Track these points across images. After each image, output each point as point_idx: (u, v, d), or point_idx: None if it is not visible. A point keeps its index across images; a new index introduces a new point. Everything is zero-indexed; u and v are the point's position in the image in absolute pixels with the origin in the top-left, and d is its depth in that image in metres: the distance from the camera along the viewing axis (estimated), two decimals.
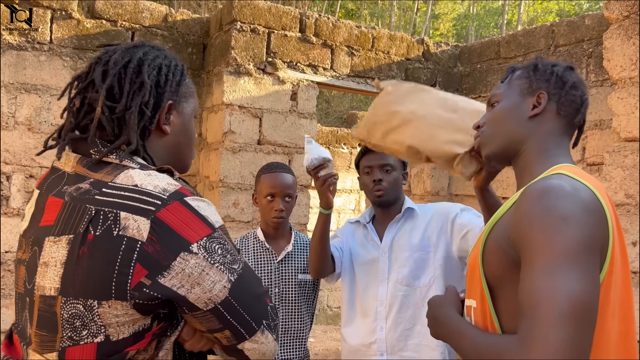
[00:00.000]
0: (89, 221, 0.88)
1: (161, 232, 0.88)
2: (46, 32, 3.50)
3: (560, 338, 0.86)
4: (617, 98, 2.58)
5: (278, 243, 2.17)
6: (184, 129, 1.08)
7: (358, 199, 7.73)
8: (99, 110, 0.97)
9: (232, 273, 0.94)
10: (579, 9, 17.37)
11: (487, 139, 1.24)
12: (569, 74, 1.20)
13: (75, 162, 0.98)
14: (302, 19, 3.91)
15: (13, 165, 3.42)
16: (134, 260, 0.87)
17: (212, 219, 0.94)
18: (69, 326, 0.89)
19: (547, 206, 0.95)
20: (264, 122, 3.79)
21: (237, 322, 0.95)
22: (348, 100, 12.89)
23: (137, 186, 0.91)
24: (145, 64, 1.01)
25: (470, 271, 1.14)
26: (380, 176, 2.03)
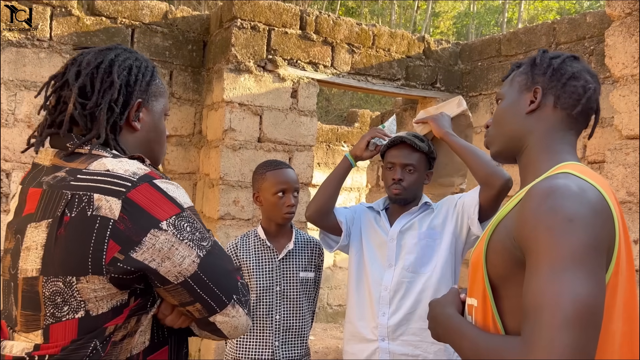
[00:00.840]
0: (65, 205, 0.96)
1: (132, 211, 0.95)
2: (46, 29, 3.49)
3: (565, 342, 0.84)
4: (619, 95, 2.57)
5: (279, 241, 2.17)
6: (154, 126, 1.16)
7: (358, 197, 7.73)
8: (71, 106, 1.05)
9: (201, 249, 1.01)
10: (580, 7, 17.35)
11: (491, 138, 1.24)
12: (569, 64, 1.16)
13: (53, 155, 1.07)
14: (303, 16, 3.90)
15: (13, 163, 3.42)
16: (107, 237, 0.94)
17: (180, 200, 1.02)
18: (50, 303, 0.96)
19: (553, 207, 0.94)
20: (264, 120, 3.78)
21: (207, 296, 1.02)
22: (348, 98, 12.88)
23: (109, 171, 0.99)
24: (116, 65, 1.09)
25: (473, 270, 1.13)
26: (401, 176, 2.02)
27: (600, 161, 3.34)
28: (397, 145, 2.05)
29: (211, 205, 3.78)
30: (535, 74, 1.17)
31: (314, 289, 2.24)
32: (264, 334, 2.08)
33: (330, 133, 7.57)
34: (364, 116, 7.94)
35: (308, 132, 3.95)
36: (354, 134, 7.76)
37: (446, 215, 2.04)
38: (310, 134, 3.96)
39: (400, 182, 2.02)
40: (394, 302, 2.00)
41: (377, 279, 2.04)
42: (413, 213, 2.07)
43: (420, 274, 1.99)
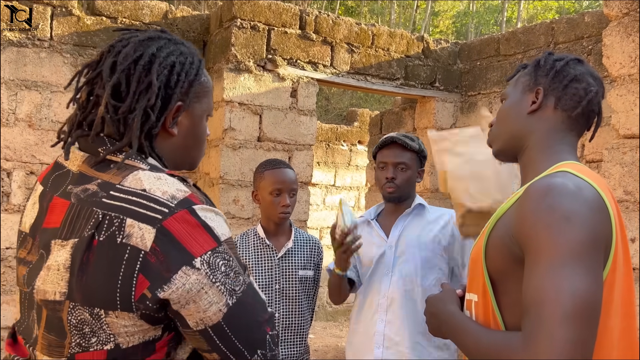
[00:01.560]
0: (95, 226, 0.85)
1: (165, 242, 0.83)
2: (46, 28, 3.50)
3: (566, 337, 0.86)
4: (617, 95, 2.58)
5: (278, 239, 2.18)
6: (192, 130, 1.02)
7: (357, 196, 7.74)
8: (102, 109, 0.92)
9: (232, 296, 0.88)
10: (579, 6, 17.36)
11: (493, 136, 1.26)
12: (572, 67, 1.18)
13: (82, 160, 0.94)
14: (302, 16, 3.91)
15: (14, 162, 3.43)
16: (137, 270, 0.83)
17: (218, 231, 0.89)
18: (77, 332, 0.86)
19: (551, 205, 0.96)
20: (264, 119, 3.80)
21: (227, 348, 0.90)
22: (348, 97, 12.89)
23: (145, 191, 0.86)
24: (157, 62, 0.95)
25: (473, 265, 1.15)
26: (394, 174, 2.03)
27: (598, 160, 3.36)
28: (388, 145, 2.07)
29: None
30: (539, 75, 1.19)
31: (313, 288, 2.26)
32: None
33: (330, 132, 7.59)
34: (363, 115, 7.96)
35: (307, 131, 3.96)
36: (353, 133, 7.78)
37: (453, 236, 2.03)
38: (310, 133, 3.97)
39: (393, 181, 2.03)
40: (391, 309, 2.00)
41: (376, 286, 2.05)
42: (407, 215, 2.08)
43: (418, 285, 1.98)
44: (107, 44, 0.99)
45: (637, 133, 2.48)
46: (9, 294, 3.43)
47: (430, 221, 2.06)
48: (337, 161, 7.58)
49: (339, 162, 7.60)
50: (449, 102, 4.57)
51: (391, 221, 2.10)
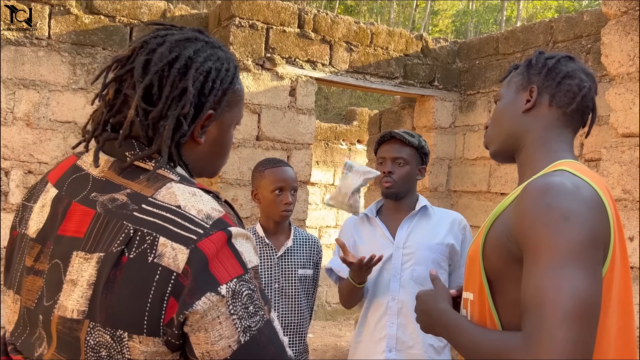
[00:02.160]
0: (125, 241, 0.79)
1: (197, 265, 0.78)
2: (44, 27, 3.49)
3: (567, 337, 0.86)
4: (615, 94, 2.58)
5: (278, 238, 2.18)
6: (220, 139, 0.96)
7: None
8: (132, 113, 0.86)
9: (246, 333, 0.81)
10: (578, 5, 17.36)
11: (490, 138, 1.26)
12: (564, 64, 1.18)
13: (106, 165, 0.89)
14: (301, 15, 3.91)
15: (12, 161, 3.43)
16: (168, 293, 0.77)
17: (246, 257, 0.83)
18: (93, 354, 0.79)
19: (550, 204, 0.96)
20: (263, 118, 3.79)
21: None
22: (347, 96, 12.89)
23: (180, 208, 0.81)
24: (193, 67, 0.89)
25: (470, 264, 1.14)
26: (391, 169, 2.03)
27: (596, 159, 3.36)
28: (387, 141, 2.09)
29: None
30: (531, 74, 1.19)
31: (312, 287, 2.26)
32: None
33: (329, 131, 7.58)
34: (362, 114, 7.95)
35: (306, 130, 3.96)
36: (352, 132, 7.78)
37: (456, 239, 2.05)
38: (309, 132, 3.97)
39: (390, 175, 2.03)
40: (403, 312, 1.98)
41: (384, 288, 2.03)
42: (413, 217, 2.06)
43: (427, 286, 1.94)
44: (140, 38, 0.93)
45: (635, 132, 2.48)
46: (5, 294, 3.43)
47: (436, 223, 2.06)
48: (336, 160, 7.57)
49: (338, 161, 7.60)
50: (448, 101, 4.56)
51: (395, 220, 2.08)
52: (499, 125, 1.22)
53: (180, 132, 0.88)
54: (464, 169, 4.50)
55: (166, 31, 0.93)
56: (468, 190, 4.45)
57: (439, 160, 4.55)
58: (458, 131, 4.59)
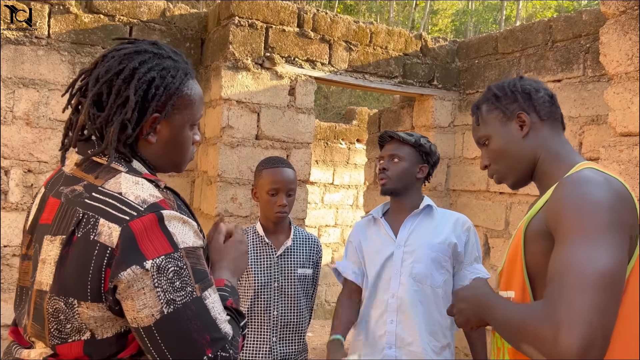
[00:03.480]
0: (76, 223, 0.93)
1: (126, 241, 0.90)
2: (44, 26, 3.50)
3: (584, 303, 0.92)
4: (613, 93, 2.59)
5: (277, 238, 2.18)
6: (172, 138, 1.08)
7: (356, 195, 7.74)
8: (82, 118, 1.01)
9: (169, 305, 0.91)
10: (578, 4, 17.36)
11: (503, 174, 1.32)
12: (524, 83, 1.30)
13: (74, 163, 1.03)
14: (300, 14, 3.91)
15: (11, 160, 3.43)
16: (104, 265, 0.90)
17: (178, 238, 0.93)
18: (53, 319, 0.94)
19: (583, 192, 1.04)
20: (262, 117, 3.80)
21: (157, 354, 0.92)
22: (346, 95, 12.88)
23: (121, 194, 0.94)
24: (136, 77, 1.01)
25: (511, 263, 1.20)
26: (386, 165, 2.06)
27: (595, 158, 3.36)
28: (388, 141, 2.12)
29: (209, 203, 3.80)
30: (507, 104, 1.29)
31: (312, 286, 2.26)
32: (262, 329, 2.10)
33: (328, 130, 7.58)
34: (361, 114, 7.96)
35: (306, 129, 3.96)
36: (352, 131, 7.78)
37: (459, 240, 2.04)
38: (308, 131, 3.97)
39: (384, 172, 2.05)
40: (402, 309, 1.99)
41: (385, 286, 2.04)
42: (417, 216, 2.07)
43: (427, 285, 1.99)
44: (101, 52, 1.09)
45: (634, 131, 2.49)
46: (7, 292, 3.43)
47: (439, 222, 2.06)
48: (335, 159, 7.58)
49: (338, 160, 7.60)
50: (447, 100, 4.57)
51: (399, 220, 2.09)
52: (506, 160, 1.29)
53: (126, 133, 1.01)
54: (463, 168, 4.50)
55: (123, 45, 1.07)
56: (467, 190, 4.46)
57: None
58: (457, 130, 4.59)
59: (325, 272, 6.91)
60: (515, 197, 3.98)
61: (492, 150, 1.30)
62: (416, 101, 4.73)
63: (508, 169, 1.30)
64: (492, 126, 1.30)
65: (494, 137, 1.29)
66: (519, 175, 1.29)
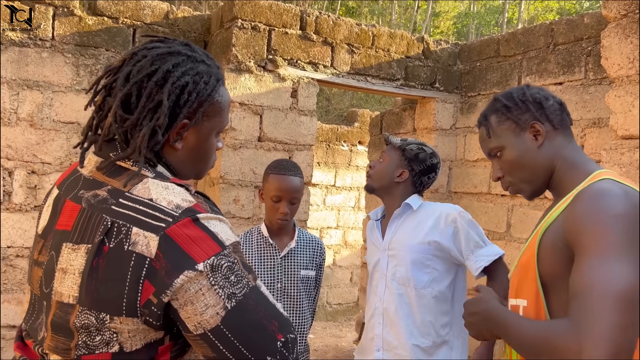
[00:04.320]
0: (104, 232, 0.87)
1: (168, 249, 0.85)
2: (48, 28, 3.52)
3: (612, 322, 0.93)
4: (615, 96, 2.60)
5: (282, 239, 2.19)
6: (198, 146, 1.03)
7: (358, 196, 7.75)
8: (110, 119, 0.95)
9: (230, 299, 0.87)
10: (580, 7, 17.36)
11: (519, 185, 1.31)
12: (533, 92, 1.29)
13: (94, 166, 0.97)
14: (303, 17, 3.93)
15: (15, 161, 3.45)
16: (143, 277, 0.85)
17: (222, 236, 0.90)
18: (83, 331, 0.89)
19: (603, 205, 1.05)
20: (265, 119, 3.81)
21: (232, 354, 0.88)
22: (348, 97, 12.89)
23: (152, 200, 0.89)
24: (170, 81, 0.96)
25: (523, 271, 1.21)
26: (372, 164, 2.13)
27: (596, 161, 3.37)
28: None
29: None
30: (518, 114, 1.28)
31: (315, 288, 2.27)
32: None
33: (330, 132, 7.60)
34: (363, 116, 7.97)
35: (308, 131, 3.98)
36: (353, 133, 7.79)
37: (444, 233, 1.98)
38: (310, 133, 3.99)
39: (368, 172, 2.13)
40: (387, 313, 2.01)
41: (374, 290, 2.08)
42: (398, 217, 2.09)
43: (410, 287, 1.98)
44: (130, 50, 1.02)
45: (635, 134, 2.50)
46: (10, 293, 3.44)
47: (420, 221, 2.04)
48: (337, 161, 7.59)
49: (339, 162, 7.61)
50: (449, 102, 4.58)
51: (386, 223, 2.13)
52: (523, 171, 1.28)
53: (155, 139, 0.96)
54: (465, 171, 4.51)
55: (154, 44, 1.01)
56: (468, 192, 4.46)
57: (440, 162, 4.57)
58: (459, 133, 4.61)
59: (326, 273, 6.91)
60: (517, 199, 3.99)
61: (506, 161, 1.29)
62: (418, 104, 4.74)
63: (525, 180, 1.29)
64: (504, 137, 1.28)
65: (508, 148, 1.28)
66: (537, 185, 1.29)
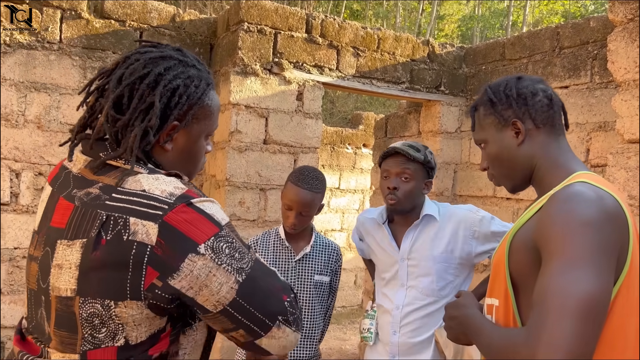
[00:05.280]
0: (100, 226, 0.90)
1: (169, 235, 0.89)
2: (56, 31, 3.54)
3: (566, 333, 0.90)
4: (621, 100, 2.59)
5: (298, 243, 2.18)
6: (188, 148, 1.07)
7: (362, 199, 7.75)
8: (101, 120, 0.98)
9: (240, 273, 0.94)
10: (585, 10, 17.33)
11: (499, 178, 1.31)
12: (521, 86, 1.24)
13: (84, 164, 1.01)
14: (309, 20, 3.94)
15: (22, 163, 3.47)
16: (145, 263, 0.89)
17: (218, 217, 0.95)
18: (88, 324, 0.92)
19: (571, 210, 1.01)
20: (270, 122, 3.82)
21: (250, 321, 0.96)
22: (353, 100, 12.90)
23: (145, 191, 0.92)
24: (162, 84, 0.99)
25: (495, 271, 1.19)
26: (396, 184, 1.95)
27: (602, 165, 3.36)
28: (392, 155, 2.00)
29: None
30: (501, 110, 1.24)
31: (329, 293, 2.24)
32: None
33: (335, 135, 7.61)
34: (368, 118, 7.98)
35: (313, 134, 3.99)
36: (358, 136, 7.80)
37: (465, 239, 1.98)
38: (315, 136, 4.00)
39: (395, 191, 1.95)
40: (405, 322, 1.99)
41: (391, 297, 2.04)
42: (417, 227, 2.02)
43: (434, 297, 1.97)
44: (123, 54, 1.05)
45: None
46: (16, 294, 3.46)
47: (438, 229, 2.00)
48: (341, 164, 7.59)
49: (344, 165, 7.62)
50: (454, 105, 4.58)
51: (401, 229, 2.06)
52: (502, 166, 1.27)
53: (147, 140, 0.99)
54: (470, 174, 4.51)
55: (146, 48, 1.05)
56: (474, 195, 4.46)
57: (445, 165, 4.57)
58: (464, 136, 4.61)
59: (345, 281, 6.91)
60: (522, 202, 3.99)
61: (489, 154, 1.29)
62: (423, 107, 4.74)
63: (504, 175, 1.28)
64: (488, 131, 1.27)
65: (490, 142, 1.27)
66: (515, 181, 1.27)
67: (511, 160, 1.24)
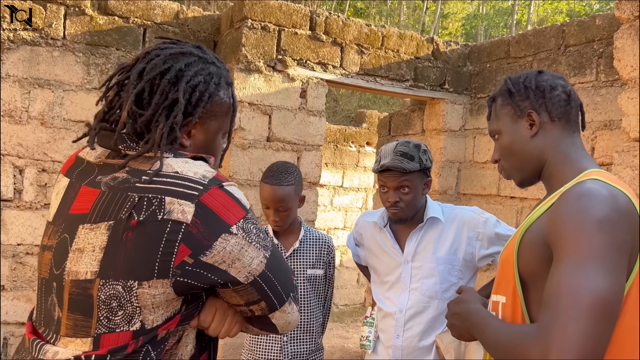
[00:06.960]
0: (131, 207, 0.92)
1: (205, 215, 0.93)
2: (60, 28, 3.54)
3: (579, 330, 0.90)
4: (627, 98, 2.58)
5: (287, 239, 2.19)
6: (205, 144, 1.09)
7: (365, 197, 7.74)
8: (125, 115, 1.00)
9: (267, 250, 1.01)
10: (590, 9, 17.26)
11: (510, 171, 1.30)
12: (541, 80, 1.25)
13: (104, 156, 1.03)
14: (313, 17, 3.93)
15: (26, 159, 3.47)
16: (179, 240, 0.91)
17: (244, 202, 1.00)
18: (105, 307, 0.92)
19: (585, 208, 1.01)
20: (274, 119, 3.82)
21: (272, 294, 1.03)
22: (356, 98, 12.89)
23: (178, 173, 0.95)
24: (184, 80, 1.01)
25: (503, 268, 1.18)
26: (397, 197, 1.92)
27: (608, 163, 3.35)
28: (386, 171, 1.92)
29: None
30: (518, 101, 1.25)
31: (324, 286, 2.26)
32: None
33: (338, 133, 7.59)
34: (371, 117, 7.96)
35: (316, 132, 3.98)
36: (361, 134, 7.78)
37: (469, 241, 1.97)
38: (319, 133, 3.99)
39: (397, 204, 1.92)
40: (409, 325, 1.98)
41: (394, 300, 2.03)
42: (421, 229, 2.00)
43: (437, 299, 1.96)
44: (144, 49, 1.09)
45: None
46: (19, 290, 3.47)
47: (441, 231, 1.99)
48: (345, 162, 7.58)
49: (347, 163, 7.61)
50: (458, 104, 4.57)
51: (404, 232, 2.04)
52: (513, 157, 1.27)
53: (172, 136, 1.01)
54: (474, 172, 4.49)
55: (166, 44, 1.07)
56: (477, 194, 4.44)
57: (449, 163, 4.56)
58: (468, 134, 4.59)
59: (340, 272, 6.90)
60: (527, 201, 3.97)
61: (501, 145, 1.28)
62: (427, 105, 4.73)
63: (515, 168, 1.27)
64: (503, 122, 1.27)
65: (504, 133, 1.27)
66: (526, 175, 1.27)
67: (523, 151, 1.24)
